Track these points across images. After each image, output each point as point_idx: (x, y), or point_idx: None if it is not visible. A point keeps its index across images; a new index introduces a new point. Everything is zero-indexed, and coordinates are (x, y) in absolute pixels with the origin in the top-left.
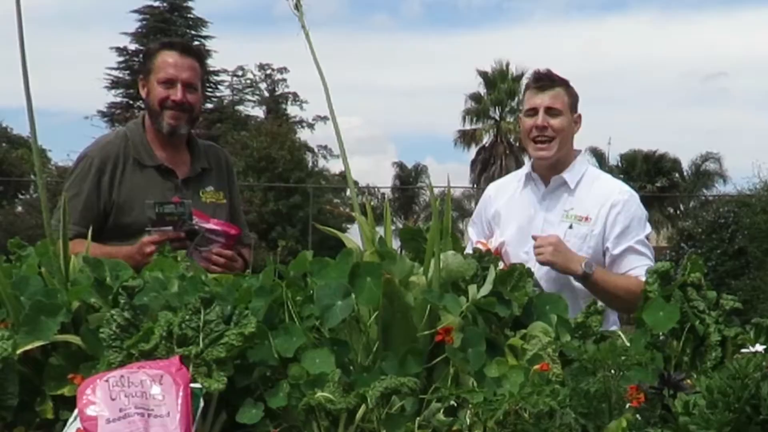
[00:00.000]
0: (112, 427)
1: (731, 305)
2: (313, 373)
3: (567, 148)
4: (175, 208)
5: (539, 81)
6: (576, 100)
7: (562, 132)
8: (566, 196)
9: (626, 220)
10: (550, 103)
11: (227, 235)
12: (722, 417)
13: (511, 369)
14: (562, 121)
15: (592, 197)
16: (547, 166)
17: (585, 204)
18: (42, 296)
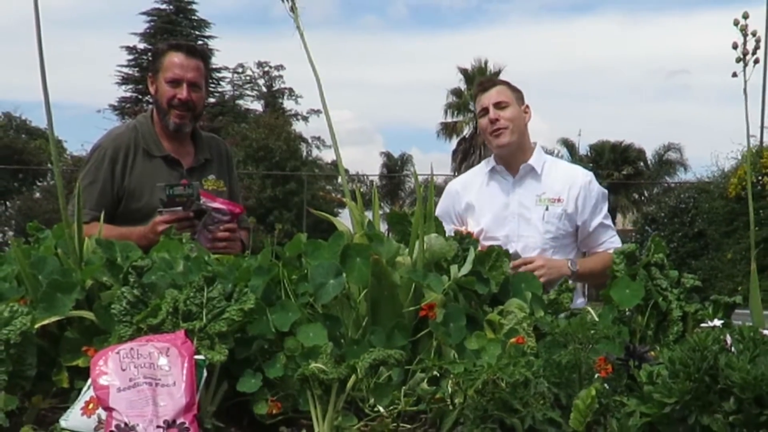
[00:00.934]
0: (123, 395)
1: (691, 283)
2: (307, 346)
3: (523, 135)
4: (184, 190)
5: (482, 84)
6: (520, 94)
7: (514, 121)
8: (535, 182)
9: (594, 198)
10: (496, 98)
11: (232, 214)
12: (683, 386)
13: (489, 342)
14: (512, 111)
15: (559, 181)
16: (510, 155)
17: (554, 187)
18: (58, 275)
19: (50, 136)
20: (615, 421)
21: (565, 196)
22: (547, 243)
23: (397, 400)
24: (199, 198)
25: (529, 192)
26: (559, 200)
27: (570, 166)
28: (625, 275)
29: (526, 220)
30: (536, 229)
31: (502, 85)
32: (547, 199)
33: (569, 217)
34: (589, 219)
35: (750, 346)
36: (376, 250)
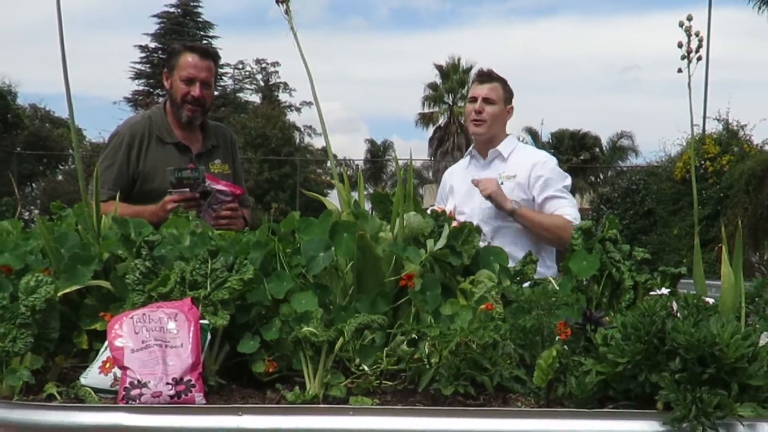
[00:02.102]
0: (136, 355)
1: (642, 256)
2: (300, 312)
3: (498, 129)
4: (191, 173)
5: (482, 76)
6: (510, 96)
7: (494, 117)
8: (500, 164)
9: (546, 174)
10: (487, 94)
11: (233, 195)
12: (634, 347)
13: (461, 308)
14: (495, 109)
15: (520, 162)
16: (483, 142)
17: (514, 167)
18: (78, 249)
19: (71, 125)
20: (573, 378)
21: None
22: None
23: (380, 360)
24: (204, 180)
25: (494, 172)
26: (514, 176)
27: (536, 151)
28: (583, 249)
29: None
30: None
31: (498, 83)
32: (504, 176)
33: (521, 188)
34: (539, 191)
35: (694, 311)
36: (362, 227)
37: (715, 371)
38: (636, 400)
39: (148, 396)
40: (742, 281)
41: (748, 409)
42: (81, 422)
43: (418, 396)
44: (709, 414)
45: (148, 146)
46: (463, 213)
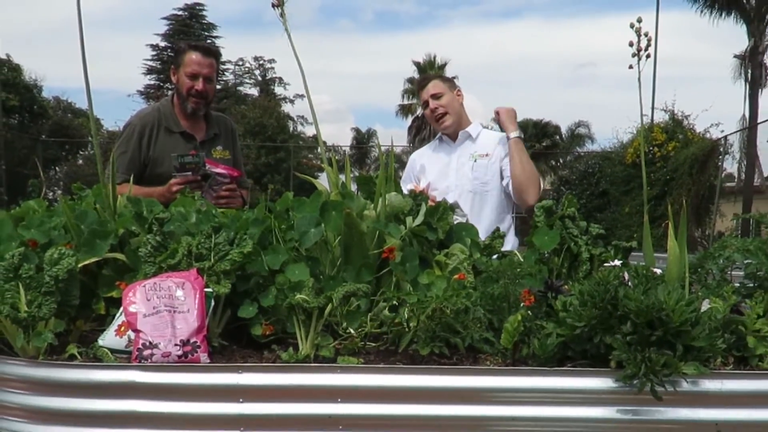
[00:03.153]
0: (148, 320)
1: (597, 232)
2: (293, 281)
3: (460, 115)
4: (193, 158)
5: (420, 82)
6: (452, 83)
7: (449, 105)
8: (470, 144)
9: None
10: (432, 91)
11: (231, 177)
12: (590, 313)
13: (437, 278)
14: (446, 99)
15: (488, 142)
16: (452, 132)
17: (484, 147)
18: (97, 225)
19: (90, 115)
20: (536, 340)
21: (491, 151)
22: (477, 187)
23: (365, 324)
24: (204, 165)
25: (465, 152)
26: (486, 155)
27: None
28: (544, 225)
29: (462, 173)
30: (467, 177)
31: (436, 79)
32: (477, 155)
33: (494, 165)
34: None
35: (643, 281)
36: (348, 206)
37: (662, 334)
38: (592, 360)
39: (158, 356)
40: (686, 254)
41: (691, 368)
42: (99, 379)
43: (398, 356)
44: (657, 372)
45: (157, 135)
46: (437, 189)
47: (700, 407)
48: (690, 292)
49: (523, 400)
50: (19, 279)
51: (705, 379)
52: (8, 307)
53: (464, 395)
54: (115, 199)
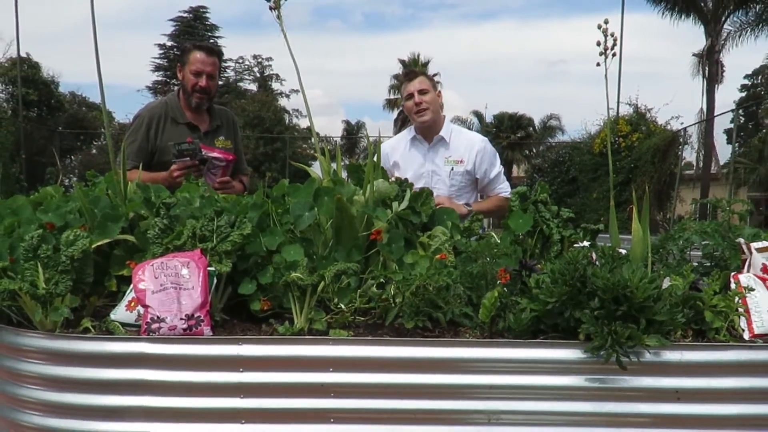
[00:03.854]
0: (156, 296)
1: (567, 215)
2: (289, 260)
3: (437, 113)
4: (189, 145)
5: (408, 74)
6: (434, 83)
7: (432, 103)
8: (444, 148)
9: (488, 158)
10: (419, 86)
11: (227, 160)
12: (561, 289)
13: (421, 258)
14: (430, 96)
15: (462, 146)
16: (428, 128)
17: (458, 151)
18: (109, 209)
19: (103, 108)
20: (512, 315)
21: (466, 158)
22: (452, 193)
23: (354, 300)
24: (200, 150)
25: (439, 156)
26: (461, 161)
27: (470, 134)
28: (519, 209)
29: (437, 177)
30: (444, 183)
31: (423, 76)
32: (453, 161)
33: (469, 173)
34: (485, 173)
35: (609, 260)
36: (339, 191)
37: (626, 309)
38: (562, 333)
39: (165, 329)
40: (648, 236)
41: (653, 340)
42: (111, 351)
43: (385, 329)
44: (622, 343)
45: (164, 126)
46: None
47: (662, 376)
48: (652, 271)
49: (500, 370)
50: (37, 258)
51: (666, 351)
52: (27, 284)
53: (445, 365)
54: (126, 185)
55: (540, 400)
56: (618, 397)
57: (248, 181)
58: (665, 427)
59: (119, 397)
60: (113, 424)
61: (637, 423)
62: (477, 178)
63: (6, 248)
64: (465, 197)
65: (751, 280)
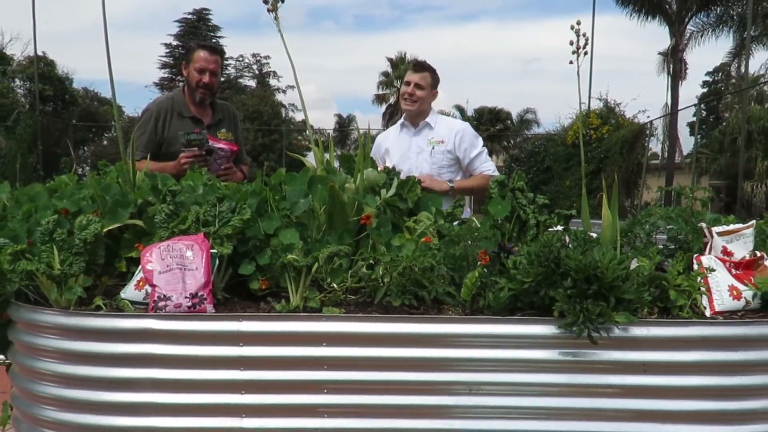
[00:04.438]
0: (162, 276)
1: (542, 202)
2: (285, 243)
3: (424, 107)
4: (197, 136)
5: (416, 66)
6: (437, 82)
7: (422, 99)
8: (428, 131)
9: (468, 138)
10: (418, 80)
11: (231, 150)
12: (536, 270)
13: (407, 241)
14: (423, 93)
15: (444, 130)
16: (412, 116)
17: (441, 134)
18: (119, 196)
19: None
20: (491, 293)
21: (447, 139)
22: (435, 170)
23: (346, 280)
24: (207, 141)
25: (423, 138)
26: (442, 142)
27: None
28: (498, 196)
29: (422, 156)
30: (426, 161)
31: (428, 72)
32: (435, 141)
33: (450, 152)
34: (465, 152)
35: (581, 243)
36: (332, 180)
37: (597, 288)
38: (538, 310)
39: (171, 307)
40: (617, 220)
41: (622, 317)
42: (121, 327)
43: (374, 307)
44: (593, 320)
45: (171, 119)
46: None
47: (630, 350)
48: (621, 253)
49: (480, 344)
50: (53, 241)
51: (634, 327)
52: (44, 265)
53: (430, 340)
54: (135, 174)
55: (517, 372)
56: (589, 369)
57: (248, 170)
58: (633, 397)
59: (128, 369)
60: (123, 395)
61: (607, 393)
62: (459, 157)
63: (24, 232)
64: (448, 175)
65: (712, 262)
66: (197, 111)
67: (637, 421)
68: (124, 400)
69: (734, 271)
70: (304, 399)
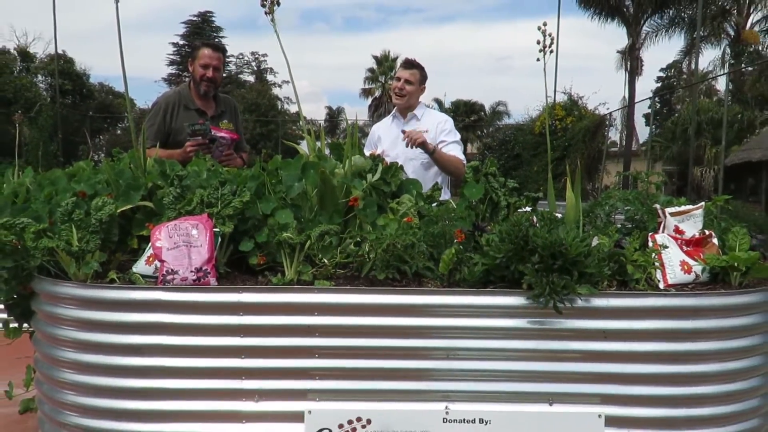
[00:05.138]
0: (170, 252)
1: (512, 185)
2: (281, 223)
3: (413, 101)
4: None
5: (407, 63)
6: (425, 79)
7: (411, 94)
8: (416, 122)
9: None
10: (408, 76)
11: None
12: (507, 247)
13: (390, 220)
14: (412, 88)
15: (429, 121)
16: (401, 109)
17: (426, 124)
18: (131, 180)
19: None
20: (466, 268)
21: (429, 128)
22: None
23: (335, 255)
24: (210, 131)
25: (411, 128)
26: (426, 131)
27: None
28: (473, 180)
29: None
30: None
31: (417, 69)
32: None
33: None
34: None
35: (547, 222)
36: (323, 165)
37: (562, 263)
38: (508, 283)
39: (178, 280)
40: (580, 202)
41: (584, 289)
42: (133, 297)
43: (361, 280)
44: (558, 292)
45: (178, 111)
46: (389, 156)
47: (591, 319)
48: (583, 232)
49: (456, 314)
50: (72, 221)
51: (595, 298)
52: (64, 243)
53: (411, 310)
54: (145, 160)
55: (489, 338)
56: (554, 336)
57: (247, 157)
58: (594, 362)
59: (139, 336)
60: (134, 359)
61: (571, 358)
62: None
63: (46, 212)
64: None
65: (666, 239)
66: (202, 103)
67: (598, 383)
68: (136, 364)
69: (685, 248)
70: (298, 363)
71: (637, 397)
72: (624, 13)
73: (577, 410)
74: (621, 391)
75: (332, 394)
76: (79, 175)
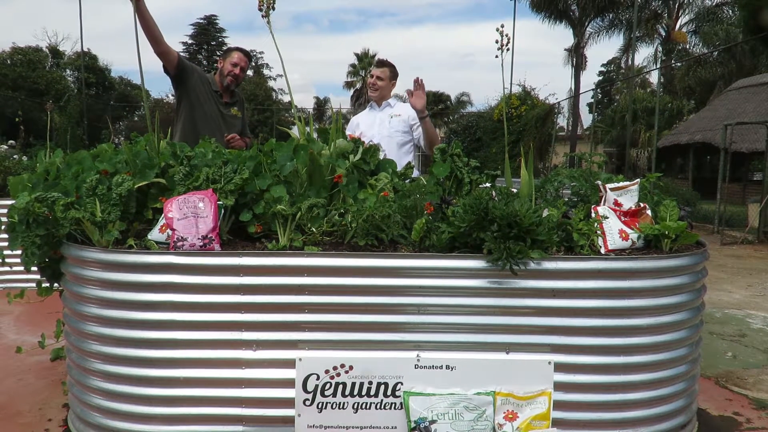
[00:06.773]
0: (180, 222)
1: (474, 164)
2: (275, 197)
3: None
4: None
5: (379, 62)
6: (395, 75)
7: (382, 87)
8: (389, 109)
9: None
10: (379, 74)
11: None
12: (470, 217)
13: (370, 195)
14: (383, 83)
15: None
16: (376, 100)
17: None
18: (147, 160)
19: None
20: (435, 236)
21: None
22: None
23: (322, 225)
24: None
25: (385, 113)
26: (399, 115)
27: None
28: (440, 160)
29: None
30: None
31: (387, 67)
32: (393, 114)
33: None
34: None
35: (505, 197)
36: (312, 147)
37: (517, 231)
38: (471, 249)
39: (187, 246)
40: (532, 179)
41: (536, 253)
42: (148, 261)
43: (344, 246)
44: (514, 256)
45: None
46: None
47: (542, 280)
48: (535, 204)
49: (427, 275)
50: (95, 195)
51: (545, 261)
52: (89, 214)
53: (388, 271)
54: (159, 143)
55: (455, 296)
56: (511, 294)
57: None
58: (544, 316)
59: (154, 294)
60: (149, 314)
61: (525, 313)
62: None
63: (73, 188)
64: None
65: (606, 211)
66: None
67: (548, 335)
68: (151, 318)
69: (623, 219)
70: (290, 317)
71: (582, 347)
72: (570, 16)
73: (530, 358)
74: (568, 342)
75: (319, 344)
76: (102, 156)
